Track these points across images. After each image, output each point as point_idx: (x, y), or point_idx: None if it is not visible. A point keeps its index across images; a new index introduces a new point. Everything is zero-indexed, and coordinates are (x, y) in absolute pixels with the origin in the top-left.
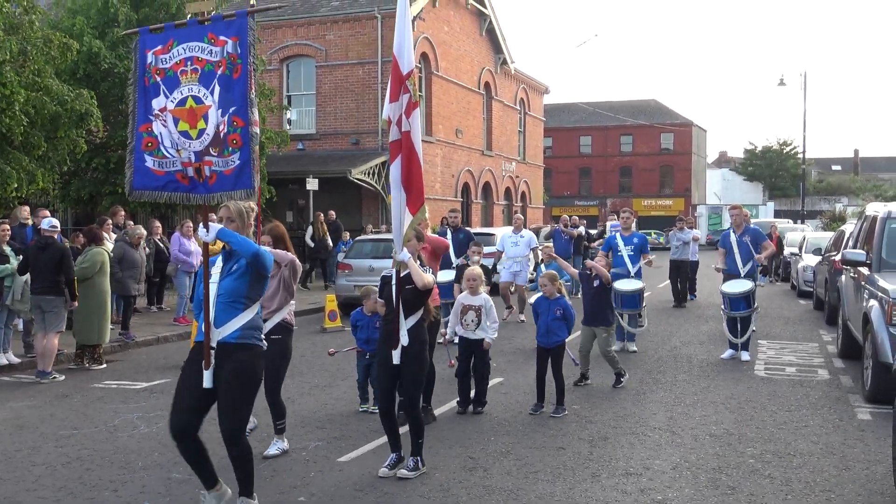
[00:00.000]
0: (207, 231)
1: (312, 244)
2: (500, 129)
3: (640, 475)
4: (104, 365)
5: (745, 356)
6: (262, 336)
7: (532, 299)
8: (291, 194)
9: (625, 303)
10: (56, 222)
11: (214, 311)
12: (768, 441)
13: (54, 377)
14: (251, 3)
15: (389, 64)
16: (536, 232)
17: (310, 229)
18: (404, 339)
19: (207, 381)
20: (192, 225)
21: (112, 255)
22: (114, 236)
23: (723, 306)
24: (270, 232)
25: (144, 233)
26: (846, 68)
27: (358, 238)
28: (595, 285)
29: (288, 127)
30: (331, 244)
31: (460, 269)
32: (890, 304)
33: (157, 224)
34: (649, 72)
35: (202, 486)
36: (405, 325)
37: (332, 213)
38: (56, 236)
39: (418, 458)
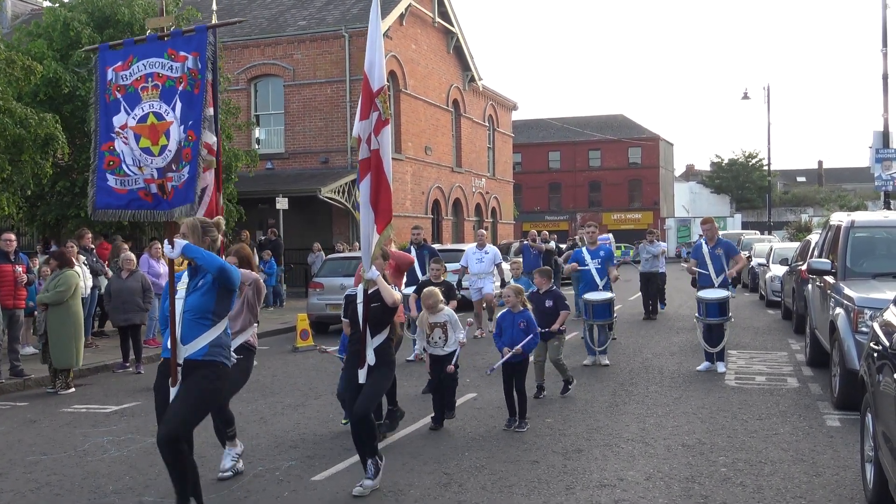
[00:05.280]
0: (172, 248)
1: None
2: (470, 145)
3: (614, 486)
4: (72, 389)
5: (721, 367)
6: (230, 354)
7: (498, 314)
8: (261, 214)
9: (596, 313)
10: None
11: (181, 327)
12: (740, 449)
13: None
14: (212, 19)
15: (358, 83)
16: (506, 248)
17: None
18: (371, 359)
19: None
20: (160, 246)
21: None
22: (82, 258)
23: (697, 313)
24: (237, 253)
25: (133, 257)
26: (809, 81)
27: (330, 256)
28: (548, 305)
29: (257, 146)
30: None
31: (422, 286)
32: (855, 311)
33: (125, 245)
34: (616, 87)
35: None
36: (372, 343)
37: (273, 231)
38: None
39: (375, 457)
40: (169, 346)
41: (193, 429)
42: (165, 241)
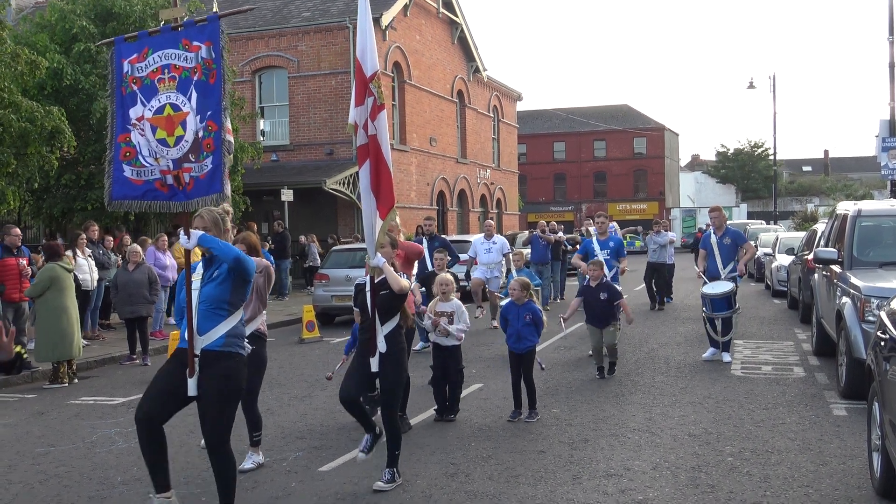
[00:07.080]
0: (189, 238)
1: None
2: (474, 136)
3: (621, 476)
4: (65, 384)
5: (726, 357)
6: (246, 343)
7: (502, 303)
8: (266, 206)
9: None
10: None
11: (197, 318)
12: (746, 439)
13: None
14: (213, 9)
15: None
16: (512, 238)
17: None
18: (382, 346)
19: (192, 389)
20: (166, 238)
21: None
22: (88, 252)
23: (704, 308)
24: (243, 241)
25: (139, 249)
26: (815, 70)
27: (335, 248)
28: (602, 297)
29: (262, 138)
30: None
31: (430, 277)
32: (862, 300)
33: (127, 237)
34: (621, 77)
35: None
36: (382, 331)
37: (280, 223)
38: None
39: (394, 469)
40: (186, 337)
41: (231, 424)
42: (181, 232)
